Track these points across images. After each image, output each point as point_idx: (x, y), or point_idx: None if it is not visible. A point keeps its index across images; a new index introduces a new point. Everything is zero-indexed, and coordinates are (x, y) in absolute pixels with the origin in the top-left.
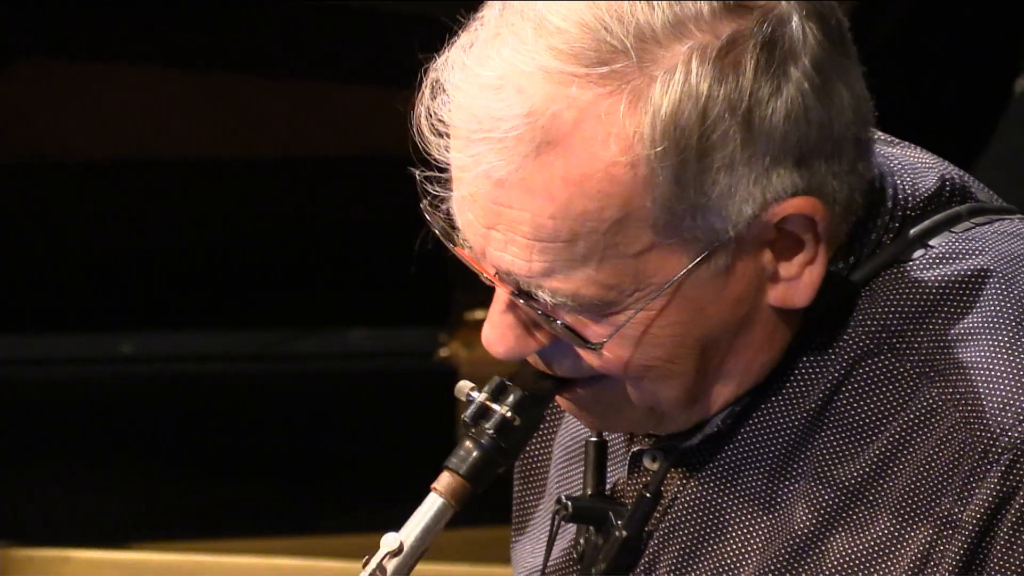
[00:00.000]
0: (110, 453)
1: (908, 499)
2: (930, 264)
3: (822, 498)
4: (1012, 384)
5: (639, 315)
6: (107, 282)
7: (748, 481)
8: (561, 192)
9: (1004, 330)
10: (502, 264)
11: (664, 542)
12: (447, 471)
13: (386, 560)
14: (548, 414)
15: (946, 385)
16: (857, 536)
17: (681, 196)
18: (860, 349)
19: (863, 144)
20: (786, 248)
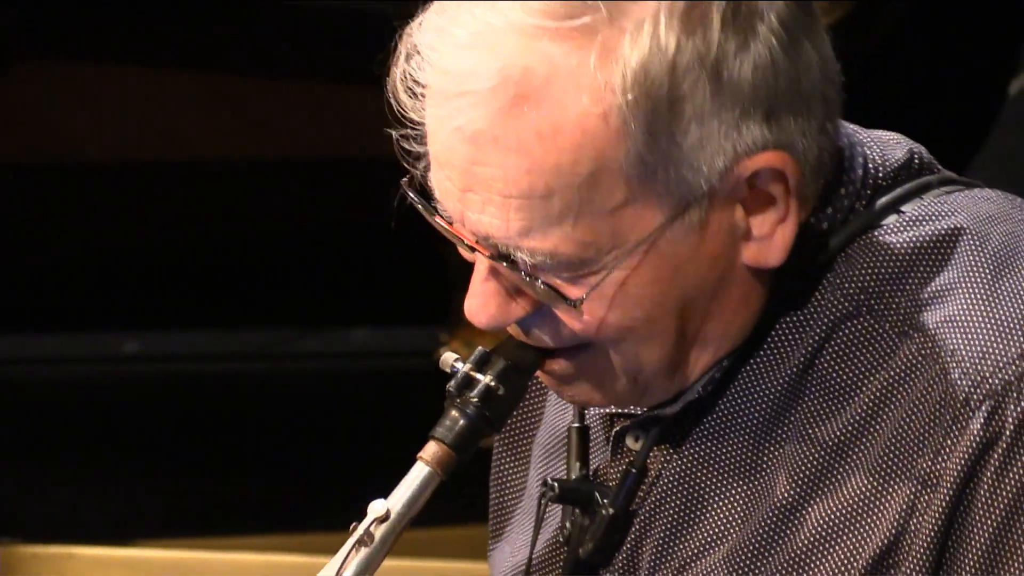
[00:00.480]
0: (113, 451)
1: (890, 455)
2: (904, 227)
3: (804, 461)
4: (990, 334)
5: (617, 274)
6: (110, 282)
7: (731, 449)
8: (535, 146)
9: (979, 283)
10: (480, 228)
11: (651, 518)
12: (433, 440)
13: (373, 527)
14: (524, 419)
15: (925, 340)
16: (840, 495)
17: (654, 146)
18: (839, 312)
19: (831, 105)
20: (758, 206)
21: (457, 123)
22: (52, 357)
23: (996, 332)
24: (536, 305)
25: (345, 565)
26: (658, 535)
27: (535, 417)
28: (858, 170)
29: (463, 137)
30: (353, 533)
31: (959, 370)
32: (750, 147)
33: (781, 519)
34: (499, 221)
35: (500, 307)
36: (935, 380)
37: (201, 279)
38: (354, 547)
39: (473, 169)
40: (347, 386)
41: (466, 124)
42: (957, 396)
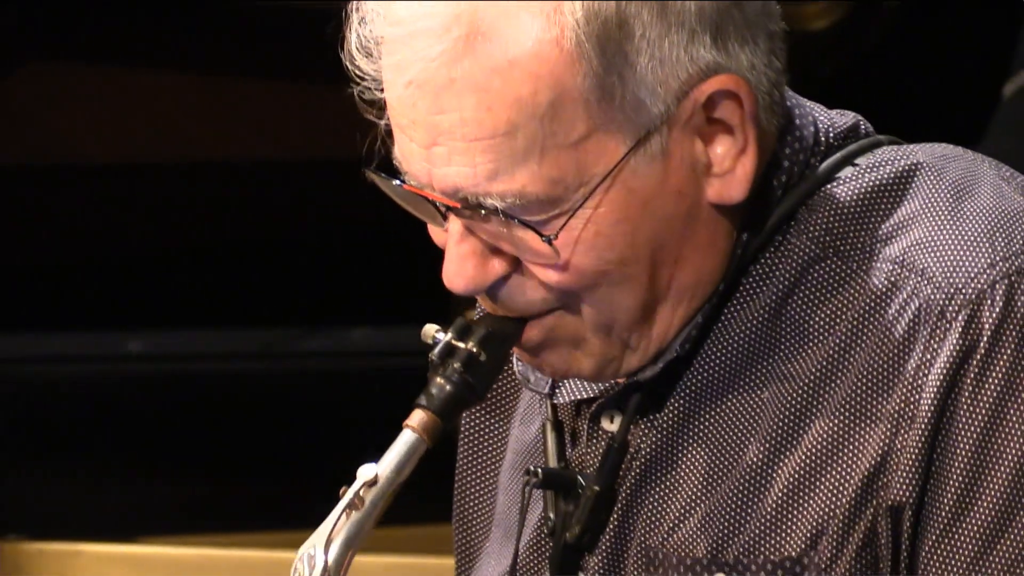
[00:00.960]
0: (118, 449)
1: (868, 383)
2: (861, 174)
3: (782, 404)
4: (958, 249)
5: (586, 211)
6: (115, 282)
7: (710, 406)
8: (493, 81)
9: (941, 208)
10: (447, 181)
11: (637, 490)
12: (418, 408)
13: (363, 490)
14: (487, 451)
15: (893, 268)
16: (821, 430)
17: (609, 66)
18: (806, 255)
19: (775, 40)
20: (717, 139)
21: (411, 76)
22: (58, 356)
23: (964, 247)
24: (512, 263)
25: (336, 528)
26: (645, 508)
27: (499, 447)
28: (809, 127)
29: (420, 89)
30: (343, 496)
31: (931, 286)
32: (703, 70)
33: (763, 467)
34: (467, 168)
35: (477, 267)
36: (908, 300)
37: (204, 279)
38: (345, 510)
39: (435, 120)
40: (348, 384)
41: (421, 74)
42: (932, 310)
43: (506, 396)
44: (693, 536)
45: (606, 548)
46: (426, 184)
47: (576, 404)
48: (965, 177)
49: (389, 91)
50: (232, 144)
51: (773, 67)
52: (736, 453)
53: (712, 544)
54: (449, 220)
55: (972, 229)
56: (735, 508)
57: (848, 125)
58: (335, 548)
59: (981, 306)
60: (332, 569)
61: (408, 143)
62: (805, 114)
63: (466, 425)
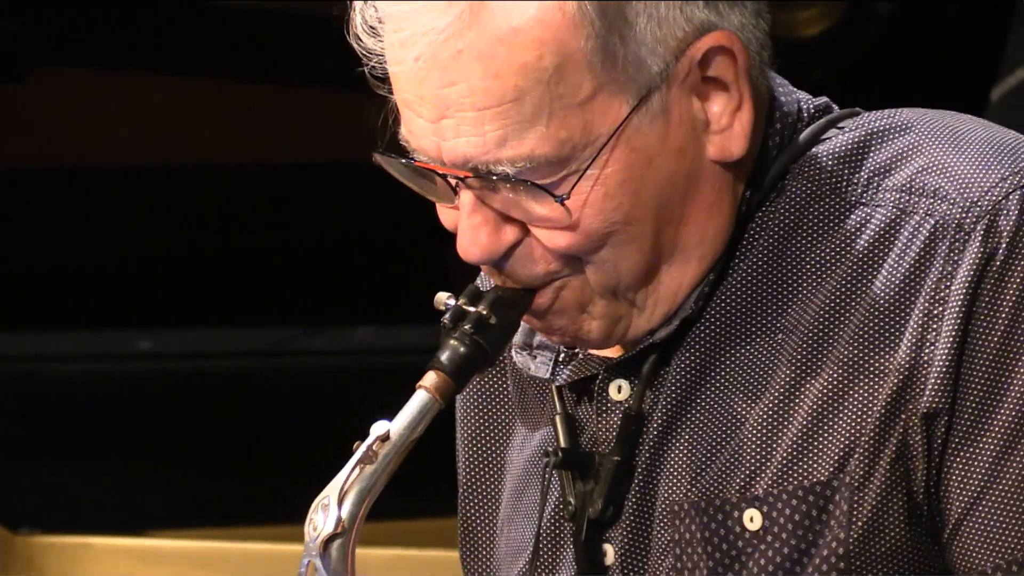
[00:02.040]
0: (128, 445)
1: (888, 304)
2: (851, 129)
3: (798, 340)
4: (967, 168)
5: (593, 171)
6: (125, 283)
7: (725, 355)
8: (499, 50)
9: (940, 138)
10: (457, 152)
11: (656, 453)
12: (431, 370)
13: (376, 445)
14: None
15: (899, 196)
16: (841, 355)
17: (610, 28)
18: (804, 196)
19: (759, 2)
20: (713, 96)
21: (418, 51)
22: (70, 354)
23: (972, 167)
24: (522, 231)
25: (350, 481)
26: (667, 468)
27: (499, 467)
28: (792, 99)
29: (427, 63)
30: (356, 451)
31: (946, 203)
32: (697, 28)
33: (783, 402)
34: (476, 137)
35: (490, 235)
36: (921, 221)
37: (212, 279)
38: (358, 464)
39: (443, 93)
40: (353, 382)
41: (427, 48)
42: (949, 225)
43: (505, 416)
44: (718, 480)
45: (631, 516)
46: (435, 158)
47: (578, 391)
48: (955, 119)
49: (396, 67)
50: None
51: (760, 28)
52: (754, 395)
53: (739, 484)
54: (460, 193)
55: (977, 152)
56: (759, 447)
57: (823, 102)
58: (349, 501)
59: (998, 216)
60: (346, 521)
61: (416, 119)
62: (789, 91)
63: (466, 452)
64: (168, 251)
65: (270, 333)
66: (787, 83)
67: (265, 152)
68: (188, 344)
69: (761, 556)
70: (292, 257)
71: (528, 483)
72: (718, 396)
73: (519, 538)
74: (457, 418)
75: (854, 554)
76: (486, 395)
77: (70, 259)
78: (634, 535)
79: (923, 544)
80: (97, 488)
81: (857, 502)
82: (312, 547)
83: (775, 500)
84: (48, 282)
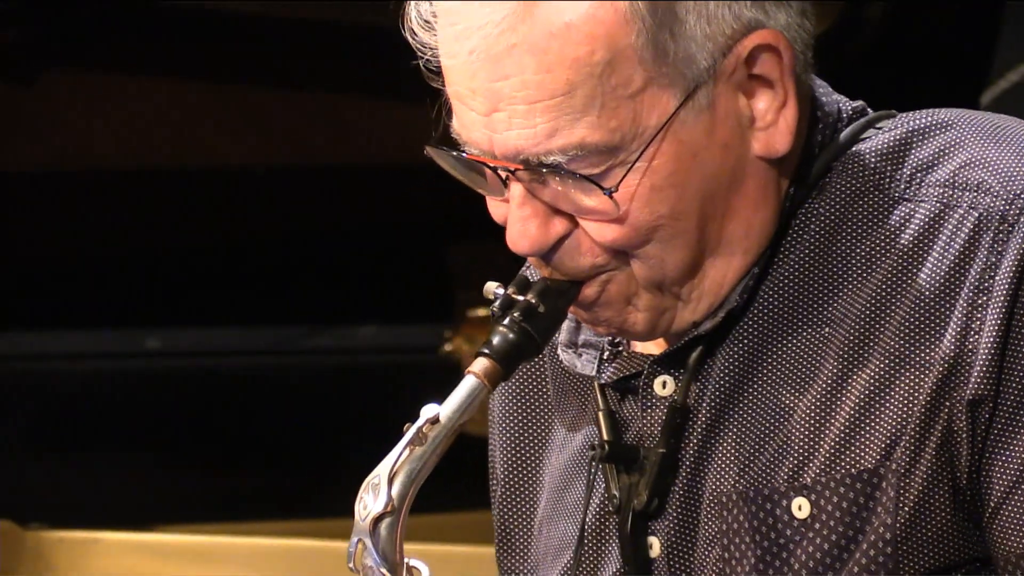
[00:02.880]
0: (137, 442)
1: (932, 296)
2: (890, 129)
3: (845, 333)
4: (1010, 162)
5: (642, 164)
6: (134, 283)
7: (771, 348)
8: (551, 45)
9: (982, 134)
10: (509, 145)
11: (703, 446)
12: (480, 356)
13: (426, 427)
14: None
15: (943, 191)
16: (888, 345)
17: (660, 24)
18: (848, 192)
19: (805, 3)
20: (759, 93)
21: (472, 45)
22: (79, 353)
23: (1016, 160)
24: (571, 224)
25: (400, 462)
26: (714, 460)
27: (537, 468)
28: (833, 99)
29: (480, 57)
30: (407, 432)
31: (989, 196)
32: (745, 26)
33: (830, 393)
34: (528, 130)
35: (540, 227)
36: (965, 214)
37: (218, 280)
38: (408, 446)
39: (496, 86)
40: (356, 379)
41: (481, 42)
42: (993, 217)
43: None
44: (766, 470)
45: (677, 507)
46: (487, 151)
47: (622, 390)
48: (995, 117)
49: (448, 61)
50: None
51: (805, 28)
52: (801, 386)
53: (787, 474)
54: (510, 185)
55: (1018, 147)
56: (807, 436)
57: (860, 104)
58: (399, 481)
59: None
60: (396, 501)
61: (468, 112)
62: (829, 92)
63: (504, 454)
64: (175, 252)
65: (274, 332)
66: (826, 85)
67: (271, 155)
68: (195, 343)
69: (809, 544)
70: (296, 258)
71: (570, 482)
72: (766, 387)
73: (561, 536)
74: (493, 420)
75: (900, 539)
76: (526, 398)
77: (80, 260)
78: (680, 527)
79: (967, 529)
80: (105, 484)
81: (904, 488)
82: (362, 526)
83: (823, 488)
84: (58, 282)
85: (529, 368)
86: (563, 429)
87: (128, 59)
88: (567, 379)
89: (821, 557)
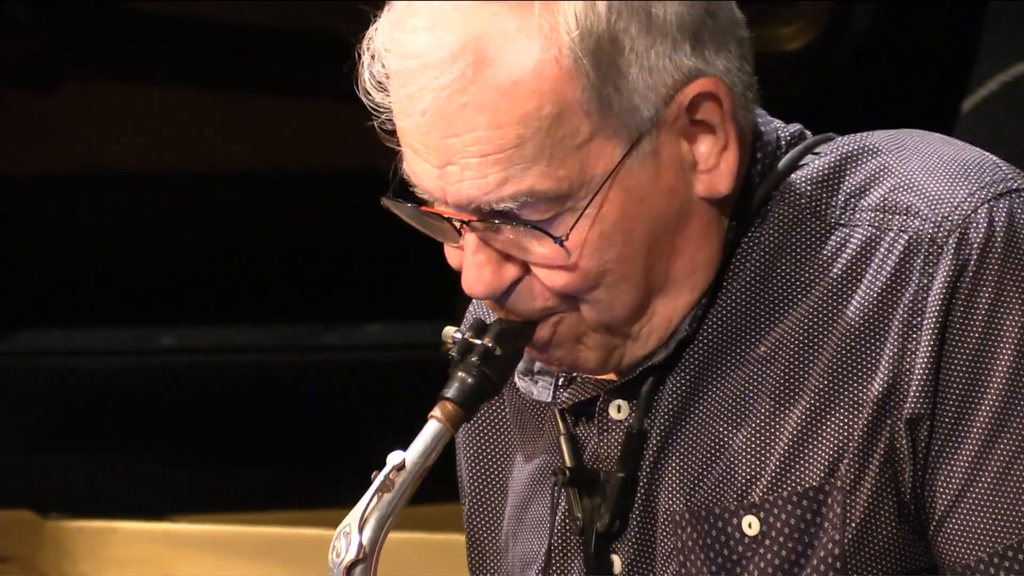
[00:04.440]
0: (152, 434)
1: (868, 317)
2: (825, 154)
3: (786, 353)
4: (937, 186)
5: (590, 211)
6: (149, 282)
7: (717, 371)
8: (500, 102)
9: (910, 159)
10: (461, 195)
11: (656, 467)
12: (442, 400)
13: (392, 474)
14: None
15: (874, 215)
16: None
17: (604, 78)
18: (787, 220)
19: (744, 45)
20: (700, 138)
21: (424, 105)
22: (97, 350)
23: (942, 184)
24: (523, 269)
25: (369, 509)
26: (667, 480)
27: (502, 486)
28: (772, 129)
29: (433, 116)
30: (375, 479)
31: (918, 219)
32: (685, 76)
33: (773, 414)
34: (479, 180)
35: (494, 273)
36: (896, 237)
37: (231, 279)
38: (376, 493)
39: (448, 142)
40: (363, 375)
41: (432, 103)
42: (923, 239)
43: (505, 439)
44: (715, 490)
45: (635, 527)
46: (440, 199)
47: (577, 412)
48: (922, 139)
49: (402, 120)
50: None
51: (744, 70)
52: (745, 409)
53: (736, 494)
54: (464, 234)
55: (945, 170)
56: (753, 457)
57: (797, 128)
58: (369, 527)
59: (968, 229)
60: (367, 547)
61: (421, 163)
62: (767, 121)
63: (470, 475)
64: (189, 254)
65: (285, 329)
66: (764, 112)
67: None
68: (208, 340)
69: (761, 560)
70: (305, 259)
71: (531, 499)
72: (706, 418)
73: (527, 550)
74: (457, 444)
75: (849, 554)
76: (486, 421)
77: (98, 261)
78: (639, 545)
79: (913, 541)
80: (122, 475)
81: (850, 504)
82: (336, 573)
83: (771, 506)
84: (77, 282)
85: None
86: (522, 449)
87: (143, 69)
88: (524, 401)
89: (773, 572)
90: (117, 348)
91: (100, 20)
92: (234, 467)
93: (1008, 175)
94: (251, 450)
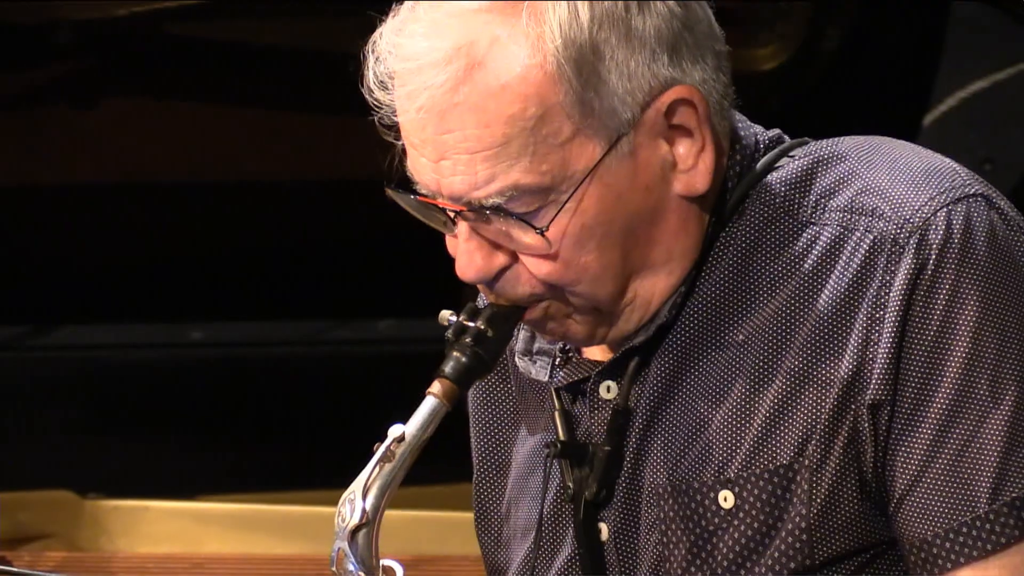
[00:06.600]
0: (182, 421)
1: (835, 310)
2: (801, 157)
3: (760, 342)
4: (900, 190)
5: (572, 205)
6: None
7: (696, 356)
8: (489, 104)
9: (877, 164)
10: (454, 189)
11: (641, 442)
12: (439, 378)
13: (393, 446)
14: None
15: (843, 215)
16: (797, 354)
17: (585, 84)
18: (762, 218)
19: (720, 58)
20: (679, 140)
21: (421, 103)
22: (133, 343)
23: (905, 188)
24: (511, 257)
25: (371, 478)
26: (651, 455)
27: (506, 456)
28: (751, 135)
29: (428, 113)
30: (376, 451)
31: (883, 221)
32: (663, 83)
33: (748, 398)
34: (469, 176)
35: (484, 259)
36: (862, 237)
37: (255, 279)
38: (378, 463)
39: (442, 139)
40: (376, 367)
41: (428, 101)
42: (887, 240)
43: (510, 413)
44: (694, 467)
45: (621, 498)
46: (436, 192)
47: (573, 391)
48: (889, 145)
49: (402, 116)
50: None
51: (720, 80)
52: (722, 393)
53: (713, 470)
54: (458, 222)
55: (909, 175)
56: (729, 437)
57: (776, 133)
58: (372, 494)
59: (928, 231)
60: (370, 512)
61: (420, 159)
62: (747, 126)
63: (478, 444)
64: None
65: (304, 325)
66: (745, 119)
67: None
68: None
69: (735, 531)
70: (322, 259)
71: (531, 470)
72: (687, 400)
73: (526, 517)
74: (470, 415)
75: (815, 527)
76: (494, 396)
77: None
78: (624, 514)
79: (874, 517)
80: (154, 458)
81: (816, 482)
82: (341, 535)
83: (745, 482)
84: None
85: (498, 368)
86: (525, 421)
87: (175, 87)
88: (526, 380)
89: (746, 543)
90: (150, 342)
91: (136, 43)
92: (257, 451)
93: (967, 181)
94: (273, 435)
